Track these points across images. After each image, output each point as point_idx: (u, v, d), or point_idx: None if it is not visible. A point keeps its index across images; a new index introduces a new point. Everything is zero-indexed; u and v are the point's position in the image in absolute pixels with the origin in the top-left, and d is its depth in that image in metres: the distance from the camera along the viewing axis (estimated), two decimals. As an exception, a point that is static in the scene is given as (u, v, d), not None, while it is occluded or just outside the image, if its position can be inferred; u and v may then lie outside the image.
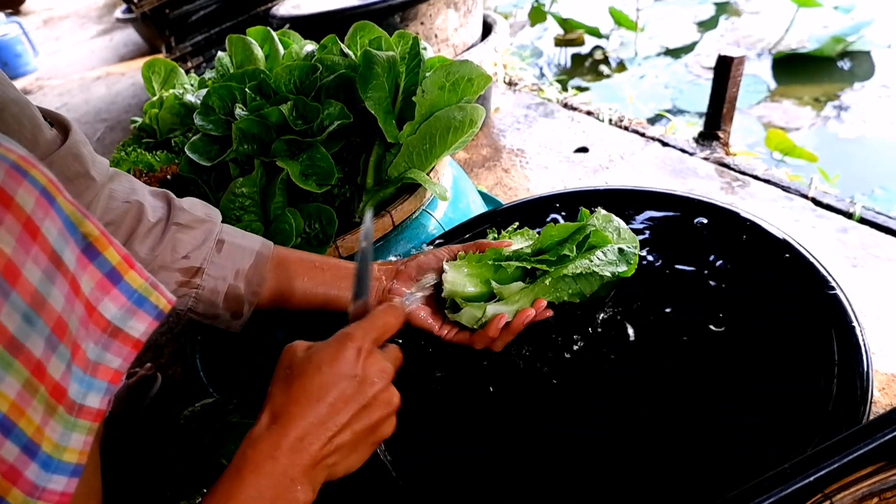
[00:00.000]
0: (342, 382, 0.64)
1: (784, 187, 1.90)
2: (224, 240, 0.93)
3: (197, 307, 0.92)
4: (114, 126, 3.77)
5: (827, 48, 3.58)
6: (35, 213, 0.42)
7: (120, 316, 0.49)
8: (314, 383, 0.63)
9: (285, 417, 0.62)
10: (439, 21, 2.18)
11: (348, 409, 0.64)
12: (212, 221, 0.94)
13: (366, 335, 0.67)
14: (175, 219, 0.90)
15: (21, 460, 0.41)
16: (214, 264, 0.91)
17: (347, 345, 0.65)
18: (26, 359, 0.40)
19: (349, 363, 0.65)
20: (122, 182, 0.91)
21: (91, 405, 0.47)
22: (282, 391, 0.64)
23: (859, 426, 0.62)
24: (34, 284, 0.41)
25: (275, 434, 0.61)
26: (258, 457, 0.60)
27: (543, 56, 4.57)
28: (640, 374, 0.87)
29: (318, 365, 0.64)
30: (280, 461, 0.60)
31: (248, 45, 1.40)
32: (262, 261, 0.94)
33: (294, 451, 0.61)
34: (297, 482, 0.60)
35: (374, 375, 0.66)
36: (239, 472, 0.60)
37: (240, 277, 0.92)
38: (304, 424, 0.62)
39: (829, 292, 0.88)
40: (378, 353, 0.68)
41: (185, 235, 0.90)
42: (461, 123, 1.16)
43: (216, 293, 0.91)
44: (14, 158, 0.42)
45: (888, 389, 1.26)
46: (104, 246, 0.48)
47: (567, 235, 0.92)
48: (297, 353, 0.66)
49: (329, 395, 0.63)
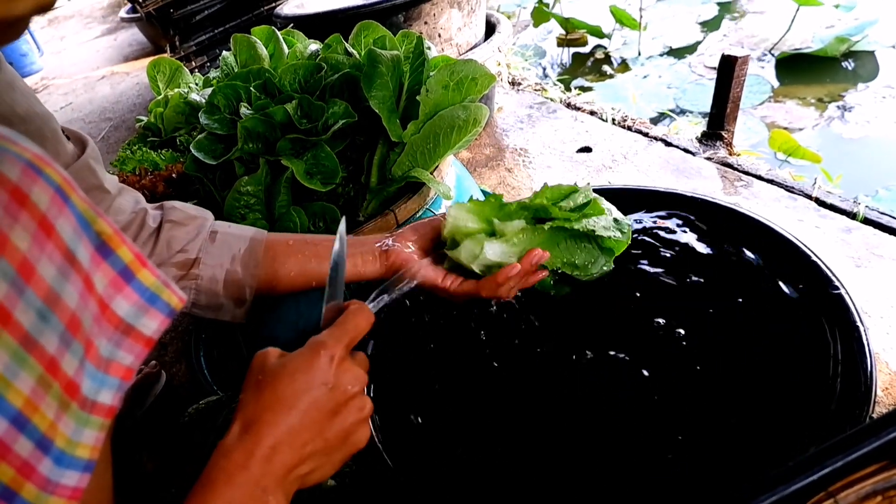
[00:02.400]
0: (315, 390, 0.63)
1: (788, 187, 1.90)
2: (217, 230, 0.95)
3: (199, 299, 0.94)
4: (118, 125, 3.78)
5: (831, 48, 3.57)
6: (50, 210, 0.42)
7: (132, 313, 0.49)
8: (287, 391, 0.63)
9: (258, 426, 0.61)
10: (443, 20, 2.19)
11: (321, 416, 0.64)
12: (203, 217, 0.96)
13: (338, 342, 0.66)
14: (168, 216, 0.93)
15: (35, 455, 0.41)
16: (210, 253, 0.93)
17: (320, 353, 0.65)
18: (40, 355, 0.41)
19: (322, 371, 0.64)
20: (129, 196, 0.94)
21: (103, 401, 0.47)
22: (254, 399, 0.63)
23: (863, 425, 0.62)
24: (49, 282, 0.41)
25: (247, 443, 0.60)
26: (230, 466, 0.59)
27: (546, 56, 4.57)
28: (643, 371, 0.87)
29: (292, 373, 0.64)
30: (253, 471, 0.59)
31: (253, 44, 1.41)
32: (256, 245, 0.95)
33: (267, 460, 0.60)
34: (270, 492, 0.60)
35: (347, 383, 0.66)
36: (211, 482, 0.59)
37: (236, 262, 0.94)
38: (277, 433, 0.61)
39: (833, 292, 0.88)
40: (350, 361, 0.68)
41: (178, 231, 0.92)
42: (465, 123, 1.16)
43: (215, 281, 0.93)
44: (29, 157, 0.42)
45: (892, 389, 1.26)
46: (117, 244, 0.48)
47: (567, 193, 0.92)
48: (268, 360, 0.66)
49: (302, 402, 0.63)
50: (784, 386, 0.80)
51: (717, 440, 0.77)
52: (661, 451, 0.78)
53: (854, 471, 0.60)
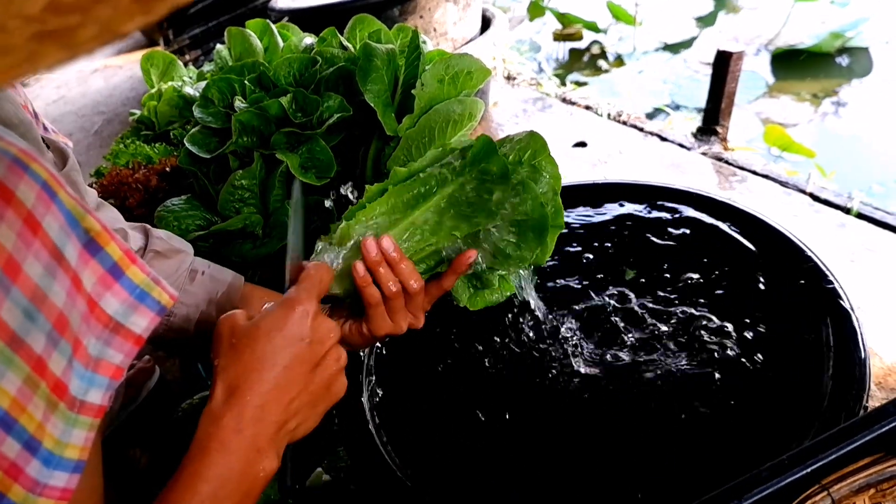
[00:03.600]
0: (294, 345, 0.63)
1: (782, 182, 1.90)
2: (196, 269, 0.94)
3: (167, 335, 0.91)
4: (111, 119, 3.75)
5: (825, 44, 3.58)
6: (36, 207, 0.41)
7: (122, 311, 0.49)
8: (266, 350, 0.62)
9: (244, 387, 0.61)
10: (438, 14, 2.18)
11: (303, 370, 0.64)
12: (185, 252, 0.95)
13: (310, 296, 0.66)
14: (152, 246, 0.91)
15: (22, 457, 0.41)
16: (187, 293, 0.91)
17: (295, 308, 0.64)
18: (27, 355, 0.40)
19: (298, 325, 0.64)
20: (108, 212, 0.93)
21: (92, 401, 0.46)
22: (233, 362, 0.62)
23: (856, 418, 0.62)
24: (35, 280, 0.41)
25: (235, 407, 0.60)
26: (223, 433, 0.59)
27: (542, 51, 4.56)
28: (637, 365, 0.87)
29: (268, 331, 0.63)
30: (245, 433, 0.59)
31: (247, 37, 1.40)
32: (233, 291, 0.94)
33: (257, 420, 0.60)
34: (264, 452, 0.60)
35: (323, 335, 0.66)
36: (205, 450, 0.58)
37: (212, 305, 0.92)
38: (263, 392, 0.61)
39: (826, 286, 0.88)
40: (323, 314, 0.68)
41: (159, 263, 0.90)
42: (460, 117, 1.16)
43: (188, 321, 0.91)
44: (15, 152, 0.41)
45: (885, 383, 1.27)
46: (106, 241, 0.47)
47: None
48: (238, 322, 0.65)
49: (283, 358, 0.62)
50: (778, 380, 0.80)
51: (710, 434, 0.77)
52: (654, 447, 0.78)
53: (848, 464, 0.60)
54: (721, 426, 0.78)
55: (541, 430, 0.84)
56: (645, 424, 0.81)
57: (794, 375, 0.80)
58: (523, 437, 0.84)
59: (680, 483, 0.73)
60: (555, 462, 0.80)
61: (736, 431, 0.77)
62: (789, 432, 0.74)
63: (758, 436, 0.75)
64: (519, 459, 0.81)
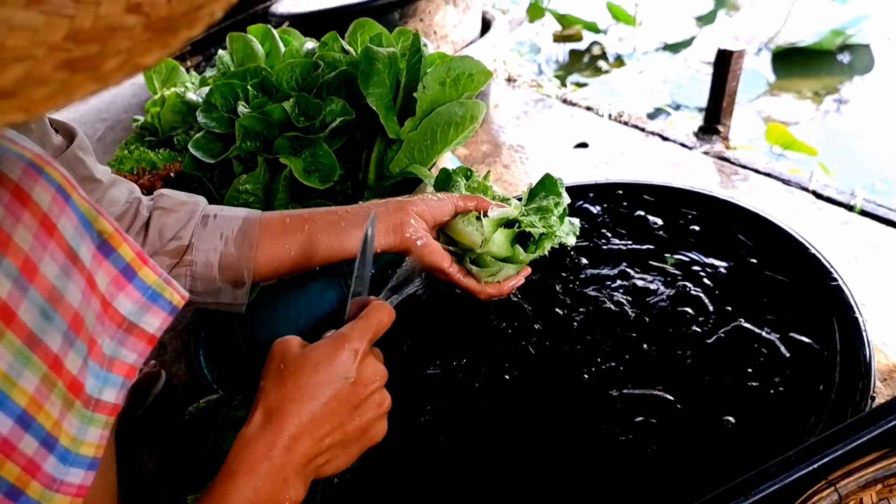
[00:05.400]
0: (337, 383, 0.64)
1: (784, 180, 1.90)
2: (209, 214, 0.93)
3: (196, 285, 0.92)
4: (114, 125, 3.76)
5: (826, 42, 3.58)
6: (51, 210, 0.42)
7: (135, 311, 0.49)
8: (310, 382, 0.63)
9: (280, 415, 0.62)
10: (438, 17, 2.18)
11: (342, 409, 0.64)
12: (195, 202, 0.94)
13: (362, 336, 0.67)
14: (158, 203, 0.91)
15: (40, 454, 0.41)
16: (202, 238, 0.91)
17: (344, 346, 0.65)
18: (44, 353, 0.41)
19: (345, 364, 0.65)
20: (123, 186, 0.92)
21: (107, 399, 0.47)
22: (276, 388, 0.64)
23: (862, 414, 0.62)
24: (51, 280, 0.41)
25: (269, 433, 0.61)
26: (253, 457, 0.60)
27: (542, 52, 4.57)
28: (642, 364, 0.88)
29: (315, 364, 0.64)
30: (275, 461, 0.60)
31: (249, 42, 1.41)
32: (248, 225, 0.93)
33: (288, 450, 0.61)
34: (290, 482, 0.61)
35: (368, 378, 0.66)
36: (233, 473, 0.59)
37: (229, 243, 0.91)
38: (299, 423, 0.62)
39: (831, 283, 0.89)
40: (372, 356, 0.68)
41: (169, 218, 0.90)
42: (462, 119, 1.16)
43: (210, 266, 0.91)
44: (30, 156, 0.42)
45: (891, 380, 1.27)
46: (118, 243, 0.48)
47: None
48: (290, 349, 0.66)
49: (324, 394, 0.63)
50: (783, 377, 0.81)
51: (717, 431, 0.77)
52: (659, 444, 0.78)
53: (854, 459, 0.60)
54: (727, 423, 0.78)
55: (544, 427, 0.84)
56: (649, 420, 0.81)
57: (799, 372, 0.80)
58: (526, 436, 0.84)
59: (687, 480, 0.73)
60: (555, 461, 0.80)
61: (742, 428, 0.77)
62: (796, 429, 0.74)
63: (764, 432, 0.76)
64: (522, 458, 0.82)
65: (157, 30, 0.28)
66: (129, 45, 0.27)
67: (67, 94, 0.25)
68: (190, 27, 0.29)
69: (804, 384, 0.79)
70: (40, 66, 0.25)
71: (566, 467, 0.79)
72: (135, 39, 0.27)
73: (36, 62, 0.25)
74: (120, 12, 0.28)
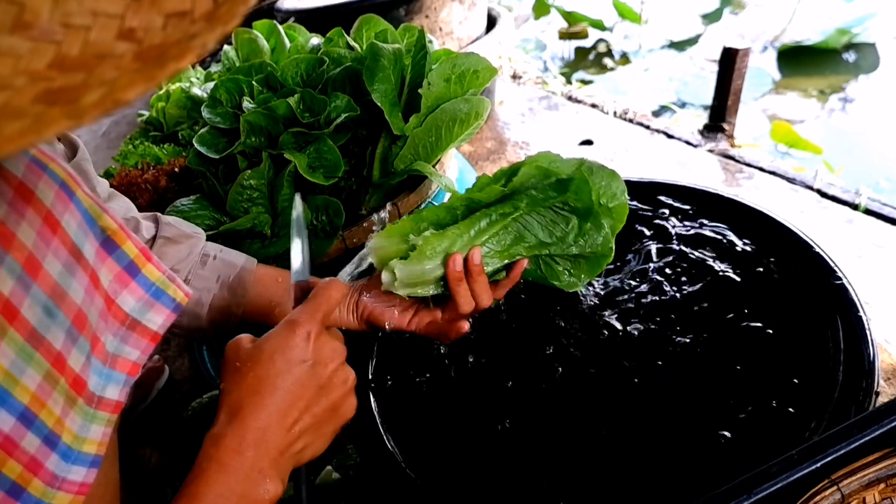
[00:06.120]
0: (296, 368, 0.63)
1: (789, 179, 1.90)
2: (208, 254, 0.94)
3: (181, 321, 0.91)
4: (119, 120, 3.77)
5: (832, 40, 3.56)
6: (55, 206, 0.42)
7: (138, 308, 0.49)
8: (269, 373, 0.62)
9: (245, 411, 0.61)
10: (444, 14, 2.18)
11: (306, 394, 0.63)
12: (197, 237, 0.94)
13: (312, 317, 0.66)
14: (162, 233, 0.91)
15: (42, 451, 0.41)
16: (199, 276, 0.91)
17: (296, 331, 0.64)
18: (47, 351, 0.41)
19: (300, 348, 0.64)
20: (121, 201, 0.93)
21: (110, 397, 0.47)
22: (236, 386, 0.63)
23: (866, 413, 0.62)
24: (54, 277, 0.41)
25: (237, 429, 0.60)
26: (222, 454, 0.59)
27: (547, 49, 4.56)
28: (648, 361, 0.87)
29: (270, 354, 0.63)
30: (246, 455, 0.59)
31: (254, 38, 1.41)
32: (245, 274, 0.94)
33: (259, 443, 0.60)
34: (266, 474, 0.60)
35: (327, 357, 0.66)
36: (203, 471, 0.58)
37: (224, 287, 0.92)
38: (265, 415, 0.61)
39: (835, 282, 0.88)
40: (327, 334, 0.67)
41: (170, 249, 0.90)
42: (467, 116, 1.16)
43: (201, 304, 0.91)
44: (33, 152, 0.42)
45: (894, 379, 1.26)
46: (122, 240, 0.48)
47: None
48: (242, 345, 0.65)
49: (285, 382, 0.62)
50: (787, 376, 0.81)
51: (721, 430, 0.77)
52: (663, 443, 0.78)
53: (857, 459, 0.60)
54: (730, 421, 0.78)
55: (548, 424, 0.84)
56: (653, 419, 0.81)
57: (803, 371, 0.80)
58: (530, 433, 0.84)
59: (690, 479, 0.73)
60: (559, 457, 0.80)
61: (745, 427, 0.77)
62: (799, 428, 0.74)
63: (768, 431, 0.76)
64: (526, 455, 0.82)
65: (146, 59, 0.27)
66: (115, 75, 0.26)
67: (37, 132, 0.23)
68: (179, 58, 0.28)
69: (807, 383, 0.79)
70: (18, 96, 0.23)
71: (568, 463, 0.79)
72: (122, 69, 0.26)
73: (14, 92, 0.23)
74: (111, 38, 0.27)
